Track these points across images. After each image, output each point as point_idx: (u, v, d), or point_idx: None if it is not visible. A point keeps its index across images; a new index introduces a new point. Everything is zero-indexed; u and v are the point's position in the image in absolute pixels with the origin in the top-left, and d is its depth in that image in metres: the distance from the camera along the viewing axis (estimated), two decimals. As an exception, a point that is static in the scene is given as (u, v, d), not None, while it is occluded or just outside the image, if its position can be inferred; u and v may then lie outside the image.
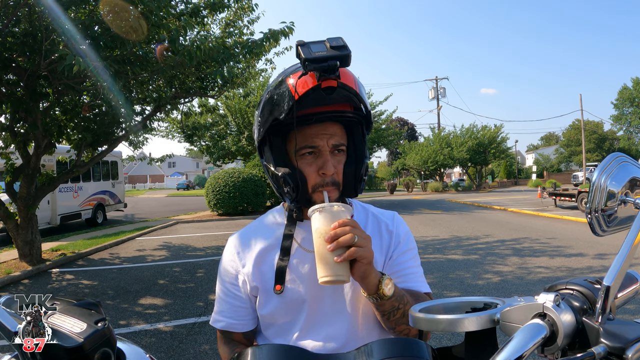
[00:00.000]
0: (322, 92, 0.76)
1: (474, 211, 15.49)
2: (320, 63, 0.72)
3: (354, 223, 0.74)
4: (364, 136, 0.91)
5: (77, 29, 4.34)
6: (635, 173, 0.59)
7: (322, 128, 0.84)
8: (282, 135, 0.87)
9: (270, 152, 0.87)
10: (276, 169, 0.85)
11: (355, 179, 0.88)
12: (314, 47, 0.74)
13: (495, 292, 4.93)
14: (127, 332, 4.00)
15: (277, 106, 0.80)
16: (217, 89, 7.39)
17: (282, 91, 0.80)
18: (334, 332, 0.87)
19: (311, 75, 0.76)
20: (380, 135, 23.79)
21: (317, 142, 0.84)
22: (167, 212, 18.00)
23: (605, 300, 0.50)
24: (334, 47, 0.73)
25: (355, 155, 0.89)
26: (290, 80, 0.79)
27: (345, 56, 0.73)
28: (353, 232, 0.72)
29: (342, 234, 0.72)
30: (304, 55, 0.72)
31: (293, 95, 0.77)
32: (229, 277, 0.94)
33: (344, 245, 0.71)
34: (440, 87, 38.15)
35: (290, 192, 0.84)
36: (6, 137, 6.71)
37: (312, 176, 0.85)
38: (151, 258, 7.68)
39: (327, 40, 0.75)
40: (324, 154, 0.84)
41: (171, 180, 58.36)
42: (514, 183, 42.55)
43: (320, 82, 0.75)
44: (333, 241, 0.72)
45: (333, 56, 0.72)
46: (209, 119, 16.11)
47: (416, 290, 0.91)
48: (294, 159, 0.85)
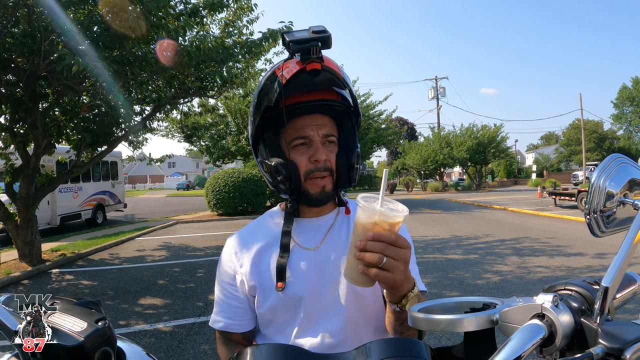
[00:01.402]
0: (308, 75, 0.80)
1: (474, 211, 15.49)
2: (303, 44, 0.77)
3: (394, 240, 0.65)
4: (354, 128, 0.94)
5: (76, 29, 4.33)
6: (634, 174, 0.60)
7: (312, 119, 0.87)
8: (274, 131, 0.89)
9: (264, 147, 0.89)
10: (269, 160, 0.88)
11: (348, 167, 0.89)
12: (297, 33, 0.80)
13: (495, 292, 4.93)
14: (126, 332, 4.00)
15: (266, 94, 0.83)
16: (216, 89, 7.39)
17: (270, 79, 0.83)
18: (331, 328, 0.87)
19: (297, 63, 0.80)
20: (380, 134, 23.77)
21: (308, 132, 0.86)
22: (167, 212, 18.00)
23: (604, 301, 0.50)
24: (315, 32, 0.79)
25: (346, 146, 0.92)
26: (279, 69, 0.82)
27: (326, 38, 0.78)
28: (385, 251, 0.64)
29: (370, 250, 0.64)
30: (288, 38, 0.78)
31: (280, 80, 0.80)
32: (227, 278, 0.94)
33: (368, 262, 0.64)
34: (440, 87, 38.17)
35: (283, 181, 0.86)
36: (6, 138, 6.70)
37: (303, 164, 0.87)
38: (151, 258, 7.68)
39: (310, 27, 0.80)
40: (315, 143, 0.87)
41: (171, 180, 58.32)
42: (513, 182, 42.53)
43: (305, 65, 0.79)
44: (361, 251, 0.65)
45: (315, 38, 0.77)
46: (209, 119, 16.10)
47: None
48: (287, 150, 0.88)
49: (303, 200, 0.90)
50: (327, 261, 0.89)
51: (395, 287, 0.69)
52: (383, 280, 0.66)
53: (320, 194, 0.88)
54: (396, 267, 0.65)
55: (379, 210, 0.66)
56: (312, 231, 0.93)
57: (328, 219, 0.95)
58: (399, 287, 0.69)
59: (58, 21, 4.33)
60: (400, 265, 0.66)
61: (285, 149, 0.88)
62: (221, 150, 17.03)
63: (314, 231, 0.93)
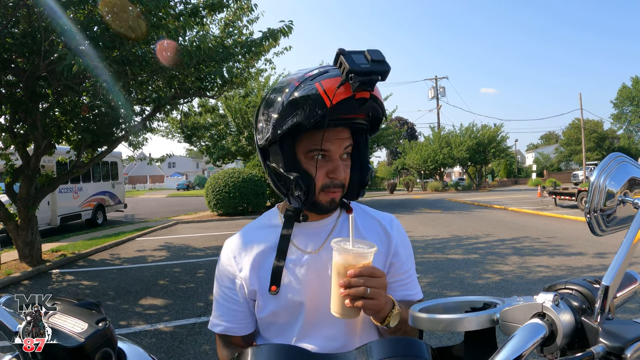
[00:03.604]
0: (355, 103, 0.77)
1: (474, 210, 15.49)
2: (364, 76, 0.72)
3: (371, 272, 0.74)
4: (367, 142, 0.93)
5: (76, 29, 4.33)
6: (634, 173, 0.60)
7: (335, 133, 0.85)
8: (292, 138, 0.86)
9: (281, 154, 0.85)
10: (287, 173, 0.85)
11: (360, 185, 0.91)
12: (356, 58, 0.73)
13: (495, 292, 4.93)
14: (127, 332, 4.00)
15: (303, 110, 0.78)
16: (216, 89, 7.39)
17: (311, 96, 0.77)
18: (332, 334, 0.87)
19: (345, 85, 0.75)
20: (380, 134, 23.77)
21: (330, 147, 0.85)
22: (167, 212, 17.99)
23: (604, 300, 0.50)
24: (374, 61, 0.73)
25: (359, 160, 0.92)
26: (322, 87, 0.77)
27: (386, 72, 0.74)
28: (367, 283, 0.73)
29: (355, 285, 0.73)
30: (348, 65, 0.71)
31: (325, 102, 0.76)
32: (226, 281, 0.93)
33: (354, 296, 0.73)
34: (440, 87, 38.14)
35: (300, 196, 0.85)
36: (6, 138, 6.70)
37: (320, 178, 0.86)
38: (151, 258, 7.68)
39: (368, 52, 0.74)
40: (334, 159, 0.86)
41: (171, 180, 58.30)
42: (514, 182, 42.51)
43: (355, 92, 0.76)
44: (346, 288, 0.74)
45: (376, 71, 0.73)
46: (209, 119, 16.10)
47: (411, 300, 0.94)
48: (304, 161, 0.86)
49: (311, 209, 0.90)
50: (328, 265, 0.88)
51: (380, 310, 0.77)
52: (370, 307, 0.74)
53: (329, 204, 0.88)
54: (379, 293, 0.74)
55: (353, 251, 0.75)
56: (313, 234, 0.92)
57: (329, 222, 0.95)
58: (382, 310, 0.78)
59: (58, 21, 4.32)
60: (382, 291, 0.75)
61: (301, 158, 0.86)
62: (221, 150, 17.03)
63: (315, 234, 0.92)
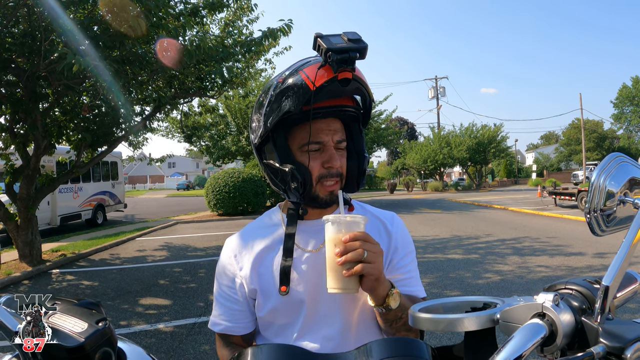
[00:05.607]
0: (338, 84, 0.78)
1: (474, 210, 15.49)
2: (341, 54, 0.73)
3: (365, 237, 0.74)
4: (361, 132, 0.94)
5: (76, 29, 4.33)
6: (634, 173, 0.59)
7: (326, 124, 0.86)
8: (284, 133, 0.87)
9: (275, 149, 0.87)
10: (282, 165, 0.85)
11: (358, 173, 0.91)
12: (333, 39, 0.75)
13: (495, 292, 4.94)
14: (127, 332, 4.00)
15: (290, 98, 0.80)
16: (216, 89, 7.40)
17: (296, 83, 0.79)
18: (331, 333, 0.87)
19: (326, 68, 0.76)
20: (380, 134, 23.80)
21: (323, 138, 0.86)
22: (167, 212, 18.00)
23: (604, 300, 0.50)
24: (351, 40, 0.75)
25: (355, 151, 0.92)
26: (305, 73, 0.78)
27: (364, 48, 0.75)
28: (363, 247, 0.72)
29: (351, 249, 0.72)
30: (325, 45, 0.73)
31: (309, 86, 0.77)
32: (227, 281, 0.93)
33: (352, 260, 0.72)
34: (440, 87, 38.14)
35: (298, 188, 0.85)
36: (6, 138, 6.70)
37: (316, 168, 0.86)
38: (151, 258, 7.68)
39: (344, 33, 0.76)
40: (329, 149, 0.86)
41: (171, 180, 58.31)
42: (514, 182, 42.50)
43: (337, 73, 0.76)
44: (343, 255, 0.73)
45: (353, 48, 0.74)
46: (209, 119, 16.11)
47: (414, 296, 0.93)
48: (297, 153, 0.86)
49: (310, 203, 0.90)
50: None
51: (379, 281, 0.75)
52: (369, 271, 0.72)
53: (329, 196, 0.88)
54: (376, 256, 0.74)
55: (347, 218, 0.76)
56: (313, 233, 0.92)
57: None
58: (381, 284, 0.76)
59: (58, 21, 4.32)
60: (379, 256, 0.74)
61: (296, 152, 0.87)
62: (221, 150, 17.03)
63: (315, 233, 0.92)
